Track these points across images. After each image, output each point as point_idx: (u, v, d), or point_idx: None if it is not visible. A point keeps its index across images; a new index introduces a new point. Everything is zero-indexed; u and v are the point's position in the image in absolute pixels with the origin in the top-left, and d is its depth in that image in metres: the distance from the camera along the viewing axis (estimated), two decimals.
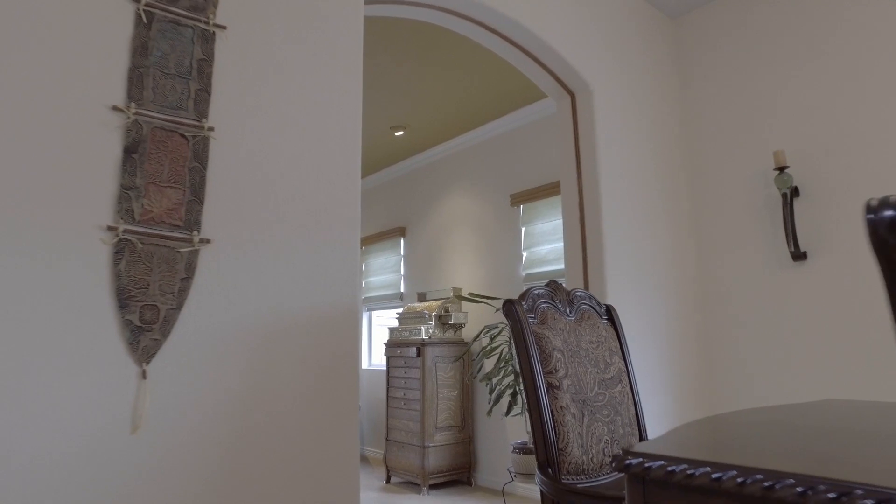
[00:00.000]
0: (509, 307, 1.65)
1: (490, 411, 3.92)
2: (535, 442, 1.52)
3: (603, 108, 2.93)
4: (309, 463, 1.61)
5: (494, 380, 3.89)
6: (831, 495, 0.74)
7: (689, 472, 0.90)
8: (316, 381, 1.65)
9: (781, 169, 2.94)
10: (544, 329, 1.68)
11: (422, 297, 5.16)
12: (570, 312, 1.86)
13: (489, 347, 3.97)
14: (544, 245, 4.38)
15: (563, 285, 2.12)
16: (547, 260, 4.34)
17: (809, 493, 0.76)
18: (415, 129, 5.00)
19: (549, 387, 1.59)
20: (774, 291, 3.03)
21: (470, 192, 5.07)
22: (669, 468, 0.93)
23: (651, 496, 0.97)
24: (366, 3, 2.09)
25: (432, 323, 4.65)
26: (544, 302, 1.79)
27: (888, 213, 0.54)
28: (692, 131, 3.47)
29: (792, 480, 0.78)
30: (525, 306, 1.70)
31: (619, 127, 3.02)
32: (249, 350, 1.52)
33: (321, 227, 1.72)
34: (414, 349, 4.53)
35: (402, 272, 5.75)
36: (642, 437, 1.87)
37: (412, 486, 4.53)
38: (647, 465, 0.96)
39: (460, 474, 4.53)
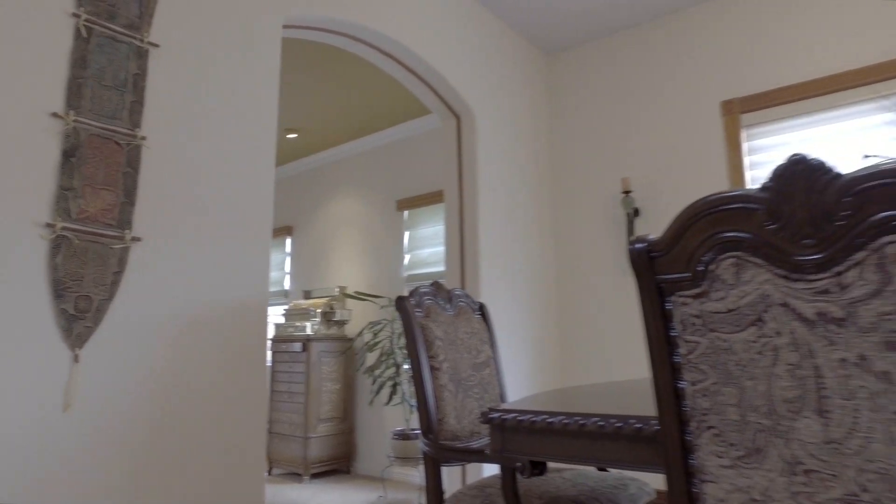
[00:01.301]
0: (400, 302, 1.97)
1: (372, 401, 4.21)
2: (419, 414, 1.85)
3: (484, 130, 3.34)
4: (223, 441, 1.83)
5: (377, 372, 4.19)
6: (618, 424, 1.13)
7: (532, 419, 1.27)
8: (230, 366, 1.87)
9: (627, 193, 3.51)
10: (429, 321, 2.02)
11: (307, 295, 5.34)
12: (450, 308, 2.21)
13: (372, 343, 4.26)
14: (426, 248, 4.75)
15: (444, 285, 2.48)
16: (428, 262, 4.71)
17: (604, 423, 1.15)
18: (307, 133, 5.18)
19: (432, 369, 1.93)
20: (617, 294, 3.60)
21: (358, 196, 5.33)
22: (519, 418, 1.30)
23: (507, 440, 1.33)
24: (284, 27, 2.32)
25: (318, 319, 4.86)
26: (428, 299, 2.13)
27: (639, 245, 0.92)
28: (559, 155, 3.99)
29: (596, 418, 1.18)
30: (413, 302, 2.02)
31: (498, 148, 3.45)
32: (173, 337, 1.72)
33: (238, 228, 1.94)
34: (299, 344, 4.71)
35: (288, 270, 5.88)
36: None
37: (294, 476, 4.71)
38: (504, 417, 1.33)
39: (340, 463, 4.78)
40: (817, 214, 0.77)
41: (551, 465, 2.43)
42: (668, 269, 0.91)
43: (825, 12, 3.14)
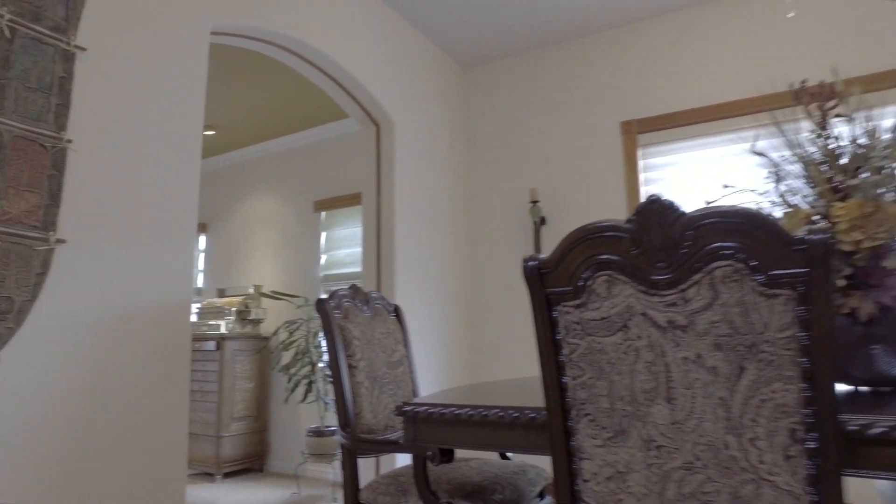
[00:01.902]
0: (320, 304, 2.08)
1: (287, 399, 4.26)
2: (338, 409, 1.97)
3: (402, 138, 3.48)
4: (146, 441, 1.87)
5: (292, 370, 4.24)
6: (515, 414, 1.31)
7: (441, 411, 1.43)
8: (154, 365, 1.92)
9: (534, 202, 3.77)
10: (347, 322, 2.14)
11: (222, 293, 5.28)
12: (367, 309, 2.34)
13: (288, 341, 4.31)
14: (343, 249, 4.83)
15: (362, 288, 2.60)
16: (344, 263, 4.80)
17: (503, 414, 1.32)
18: (225, 130, 5.12)
19: (350, 367, 2.06)
20: (525, 297, 3.85)
21: (275, 195, 5.33)
22: (430, 410, 1.45)
23: (420, 430, 1.48)
24: (212, 34, 2.36)
25: (232, 318, 4.83)
26: (347, 300, 2.25)
27: (531, 263, 1.09)
28: (473, 164, 4.19)
29: (496, 410, 1.35)
30: (332, 304, 2.14)
31: (415, 156, 3.60)
32: (97, 338, 1.75)
33: (163, 228, 1.98)
34: (213, 343, 4.67)
35: (202, 267, 5.77)
36: None
37: (206, 476, 4.67)
38: (416, 409, 1.48)
39: (254, 462, 4.78)
40: (668, 243, 0.97)
41: (459, 454, 2.61)
42: (554, 283, 1.09)
43: (713, 47, 3.51)
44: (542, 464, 3.50)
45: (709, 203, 1.64)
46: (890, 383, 1.32)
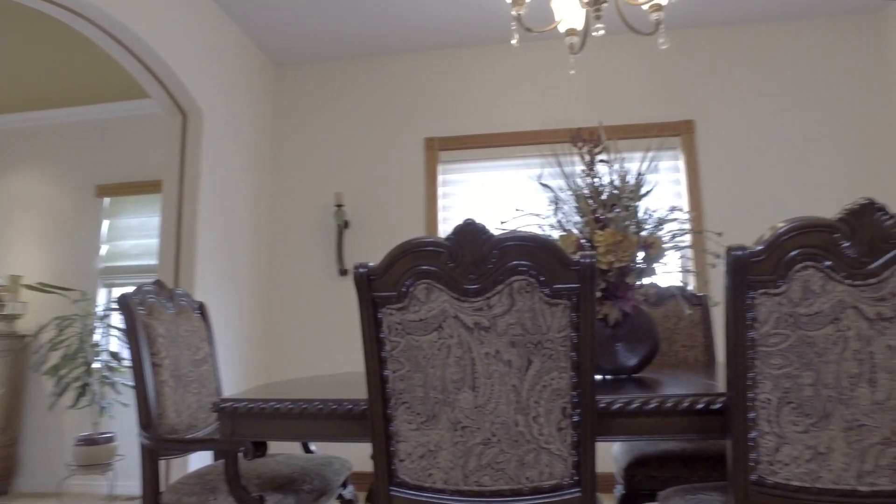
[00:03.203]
0: (123, 300, 1.98)
1: (52, 405, 3.81)
2: (139, 409, 1.89)
3: (211, 131, 3.36)
4: None
5: (62, 372, 3.81)
6: (334, 406, 1.43)
7: (262, 406, 1.50)
8: None
9: (339, 206, 3.89)
10: (151, 319, 2.06)
11: None
12: (172, 307, 2.27)
13: (57, 340, 3.86)
14: (129, 240, 4.46)
15: (166, 285, 2.49)
16: (131, 255, 4.43)
17: (323, 406, 1.43)
18: None
19: (154, 365, 1.99)
20: (325, 297, 3.94)
21: (44, 175, 4.71)
22: (250, 405, 1.51)
23: (237, 425, 1.53)
24: None
25: None
26: (151, 297, 2.16)
27: (362, 270, 1.24)
28: (281, 164, 4.18)
29: (317, 402, 1.46)
30: (136, 300, 2.04)
31: (223, 150, 3.50)
32: None
33: None
34: None
35: None
36: None
37: None
38: (235, 405, 1.52)
39: None
40: (478, 259, 1.18)
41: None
42: (381, 288, 1.24)
43: (510, 82, 3.97)
44: (347, 454, 3.63)
45: (503, 223, 1.92)
46: (627, 372, 1.70)
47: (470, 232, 1.18)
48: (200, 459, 3.21)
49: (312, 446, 2.37)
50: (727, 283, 1.12)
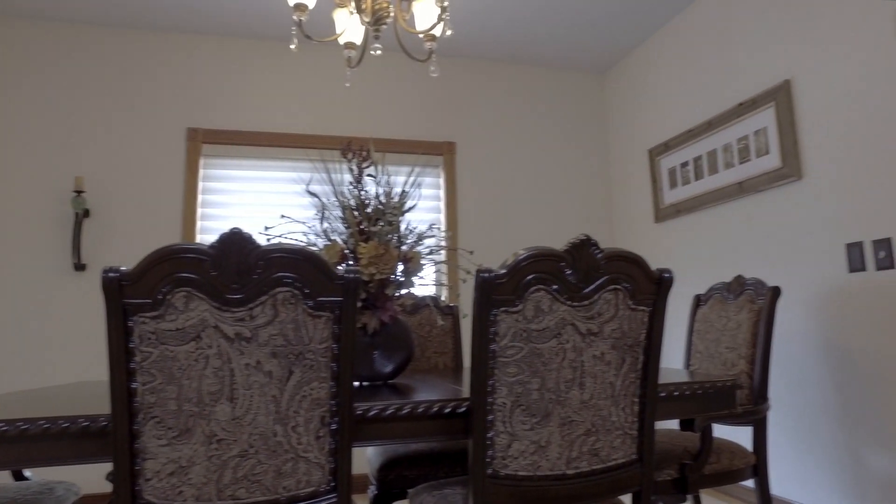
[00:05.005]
0: None
1: None
2: None
3: None
4: None
5: None
6: (66, 424, 1.28)
7: None
8: None
9: (79, 192, 3.43)
10: None
11: None
12: None
13: None
14: None
15: None
16: None
17: (50, 426, 1.28)
18: None
19: None
20: (56, 296, 3.44)
21: None
22: None
23: None
24: None
25: None
26: None
27: (112, 274, 1.14)
28: (6, 136, 3.53)
29: (43, 421, 1.29)
30: None
31: None
32: None
33: None
34: None
35: None
36: None
37: None
38: None
39: None
40: (243, 269, 1.17)
41: None
42: (134, 295, 1.16)
43: (281, 80, 3.89)
44: (73, 477, 3.19)
45: (267, 229, 1.91)
46: (384, 378, 1.80)
47: (236, 241, 1.17)
48: None
49: (27, 472, 2.06)
50: (475, 301, 1.27)
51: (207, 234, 3.63)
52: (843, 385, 2.55)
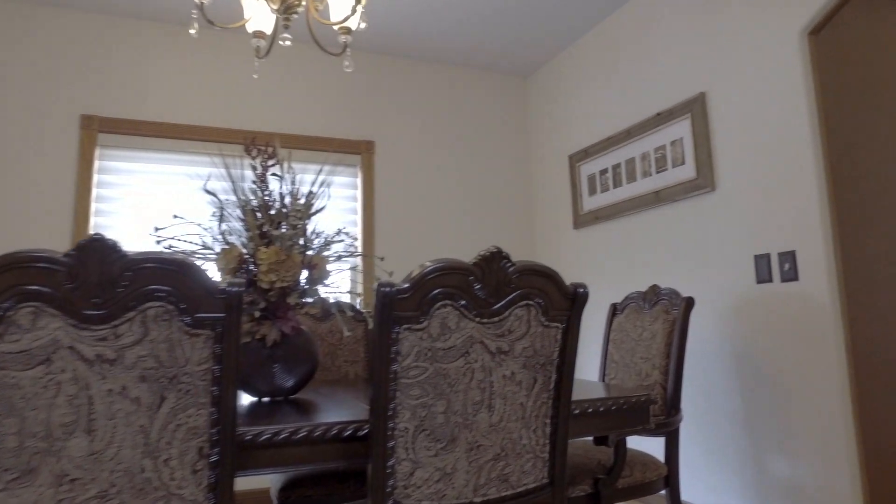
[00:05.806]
0: None
1: None
2: None
3: None
4: None
5: None
6: None
7: None
8: None
9: None
10: None
11: None
12: None
13: None
14: None
15: None
16: None
17: None
18: None
19: None
20: None
21: None
22: None
23: None
24: None
25: None
26: None
27: None
28: None
29: None
30: None
31: None
32: None
33: None
34: None
35: None
36: None
37: None
38: None
39: None
40: (105, 281, 1.01)
41: None
42: None
43: (184, 69, 3.62)
44: None
45: (158, 230, 1.72)
46: (285, 393, 1.66)
47: (98, 249, 1.00)
48: None
49: None
50: (375, 317, 1.16)
51: (102, 230, 3.33)
52: (749, 393, 2.61)
